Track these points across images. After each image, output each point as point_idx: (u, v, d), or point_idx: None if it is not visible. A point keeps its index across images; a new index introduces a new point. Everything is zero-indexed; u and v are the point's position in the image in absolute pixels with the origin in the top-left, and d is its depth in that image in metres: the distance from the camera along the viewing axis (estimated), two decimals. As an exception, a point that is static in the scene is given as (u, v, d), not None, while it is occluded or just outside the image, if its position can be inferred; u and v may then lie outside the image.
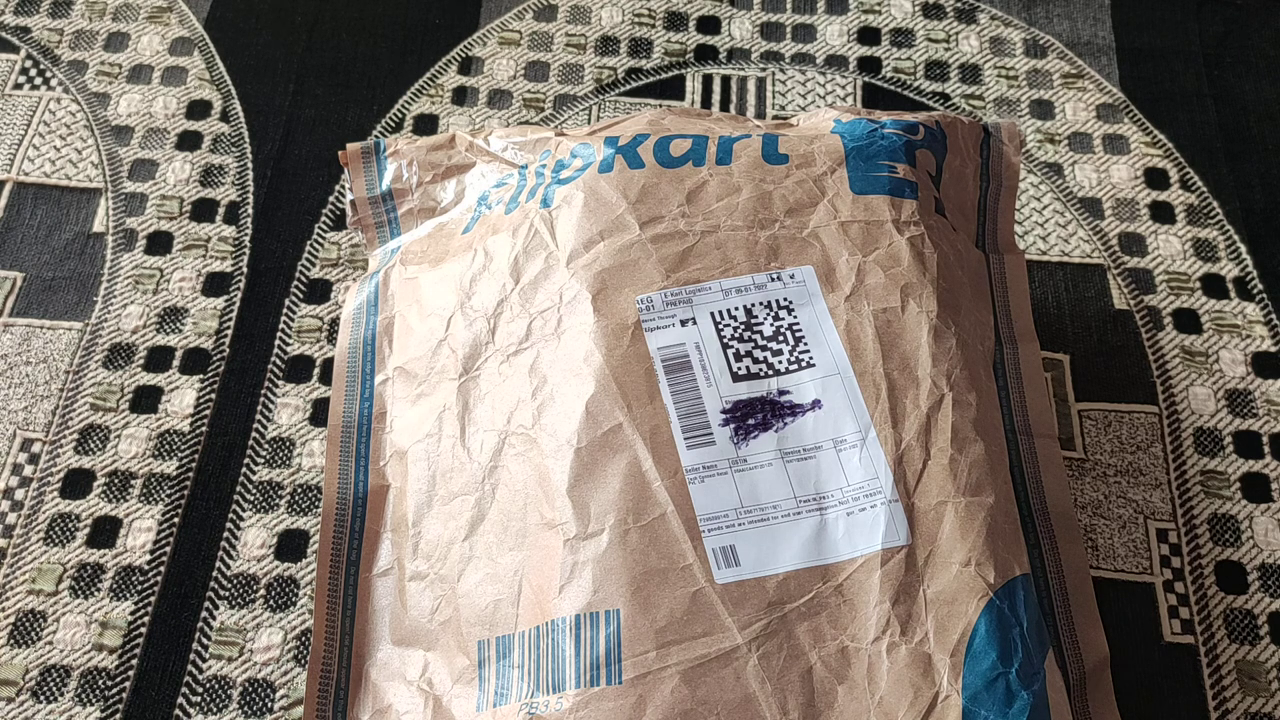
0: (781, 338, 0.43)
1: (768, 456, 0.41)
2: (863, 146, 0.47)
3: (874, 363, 0.42)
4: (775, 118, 0.64)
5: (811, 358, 0.42)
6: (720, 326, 0.43)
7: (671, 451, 0.40)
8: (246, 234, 0.60)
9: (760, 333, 0.43)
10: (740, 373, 0.42)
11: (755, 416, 0.41)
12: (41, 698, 0.48)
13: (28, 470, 0.53)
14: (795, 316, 0.43)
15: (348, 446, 0.47)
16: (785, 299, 0.44)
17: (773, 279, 0.44)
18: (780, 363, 0.42)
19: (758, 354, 0.43)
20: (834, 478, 0.40)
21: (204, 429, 0.54)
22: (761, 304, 0.43)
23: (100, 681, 0.48)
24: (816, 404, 0.42)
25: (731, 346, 0.43)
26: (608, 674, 0.37)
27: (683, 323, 0.43)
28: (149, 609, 0.50)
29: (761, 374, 0.42)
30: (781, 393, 0.42)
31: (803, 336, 0.43)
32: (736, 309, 0.43)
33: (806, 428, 0.41)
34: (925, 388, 0.42)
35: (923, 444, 0.41)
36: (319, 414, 0.55)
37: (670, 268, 0.44)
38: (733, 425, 0.41)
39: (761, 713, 0.37)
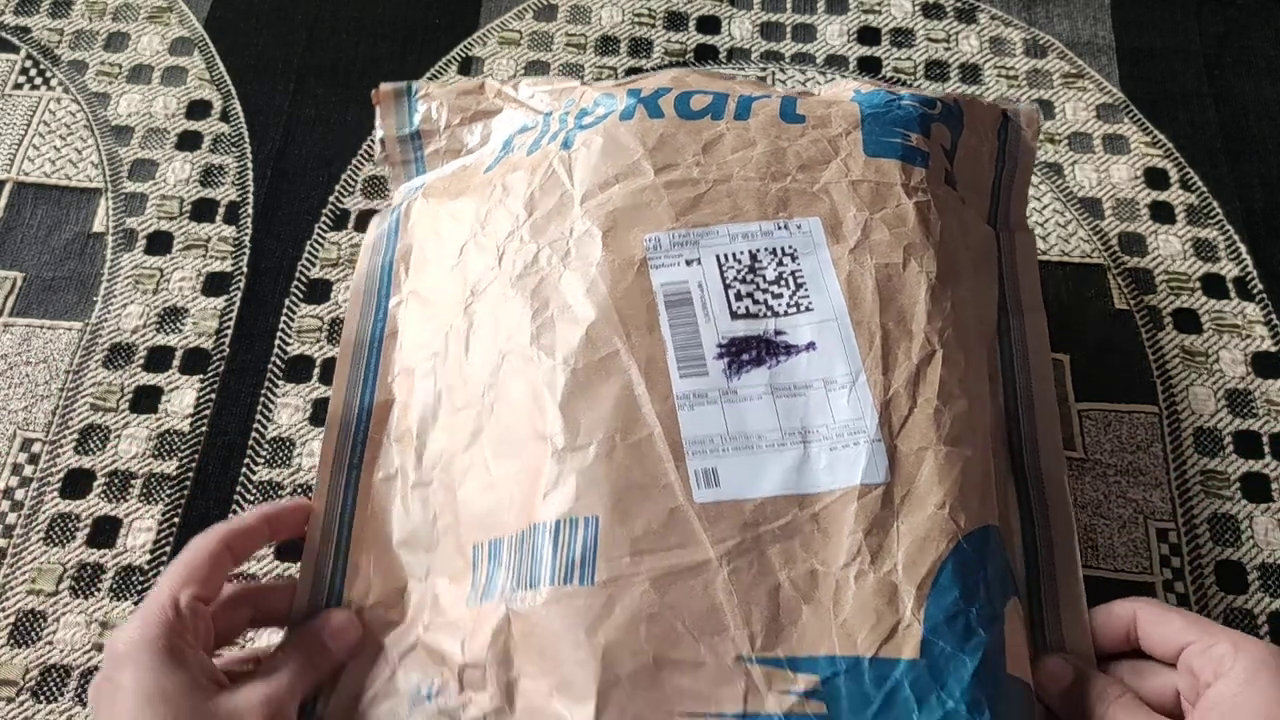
0: (783, 282, 0.44)
1: (758, 390, 0.42)
2: (879, 113, 0.48)
3: (871, 313, 0.43)
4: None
5: (811, 303, 0.44)
6: (724, 268, 0.44)
7: (665, 379, 0.42)
8: (246, 234, 0.60)
9: (763, 276, 0.44)
10: (739, 312, 0.43)
11: (750, 353, 0.43)
12: (41, 698, 0.48)
13: (28, 470, 0.53)
14: (799, 264, 0.44)
15: (358, 361, 0.49)
16: (790, 247, 0.45)
17: (780, 227, 0.45)
18: (780, 305, 0.44)
19: (758, 295, 0.44)
20: (821, 415, 0.41)
21: (204, 429, 0.54)
22: (767, 250, 0.45)
23: (100, 681, 0.48)
24: (811, 345, 0.43)
25: (733, 287, 0.44)
26: (581, 574, 0.39)
27: (688, 262, 0.44)
28: (149, 609, 0.50)
29: (760, 314, 0.43)
30: (778, 333, 0.43)
31: (804, 283, 0.44)
32: (742, 253, 0.45)
33: (799, 367, 0.42)
34: (918, 341, 0.43)
35: (910, 393, 0.42)
36: (319, 414, 0.55)
37: (681, 211, 0.45)
38: (727, 359, 0.42)
39: (725, 622, 0.38)
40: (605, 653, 0.37)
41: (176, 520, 0.52)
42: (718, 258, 0.44)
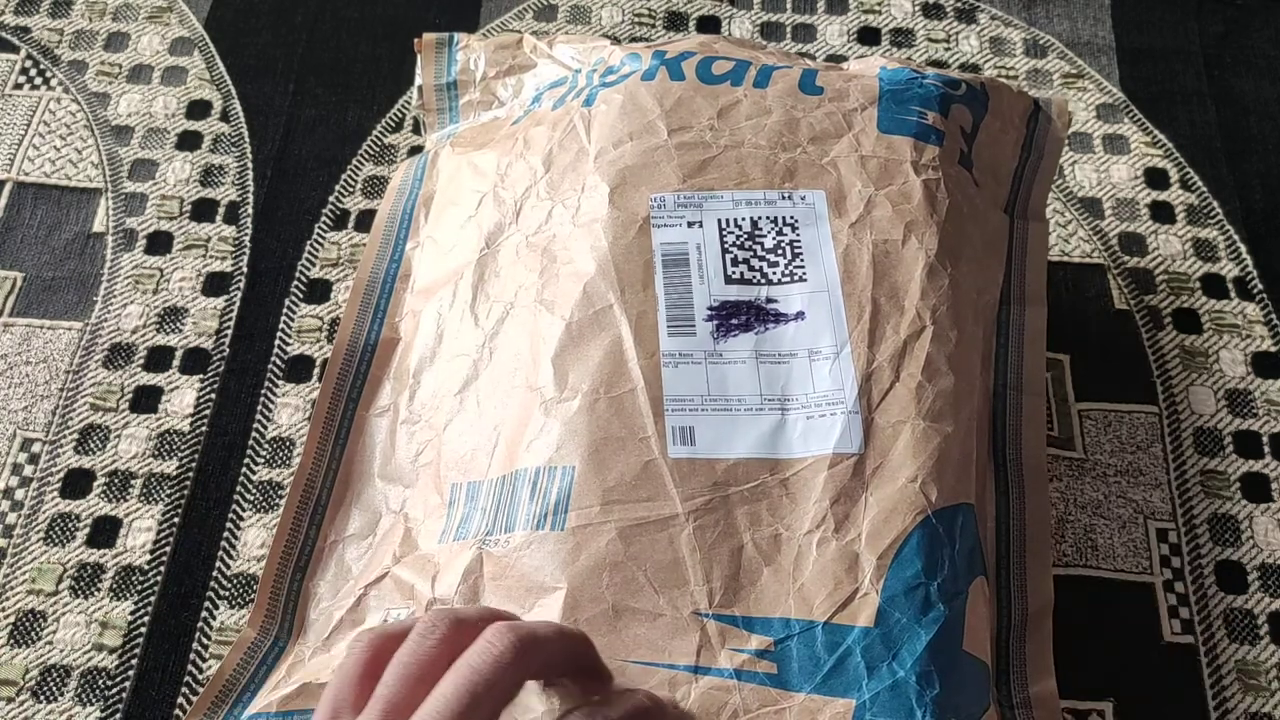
0: (780, 251, 0.45)
1: (743, 355, 0.43)
2: (898, 91, 0.49)
3: (864, 286, 0.44)
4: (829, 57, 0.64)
5: (805, 273, 0.44)
6: (724, 233, 0.45)
7: (653, 336, 0.43)
8: (246, 234, 0.60)
9: (761, 244, 0.45)
10: (734, 276, 0.44)
11: (739, 318, 0.43)
12: (41, 698, 0.48)
13: (28, 470, 0.53)
14: (798, 234, 0.45)
15: (369, 299, 0.50)
16: (792, 217, 0.45)
17: (784, 197, 0.46)
18: (774, 274, 0.44)
19: (754, 262, 0.45)
20: (802, 383, 0.42)
21: (204, 429, 0.54)
22: (768, 219, 0.45)
23: (100, 681, 0.48)
24: (800, 315, 0.43)
25: (731, 252, 0.45)
26: (553, 521, 0.40)
27: (689, 224, 0.45)
28: (149, 609, 0.50)
29: (754, 281, 0.44)
30: (769, 300, 0.44)
31: (801, 253, 0.45)
32: (743, 219, 0.45)
33: (786, 335, 0.43)
34: (909, 317, 0.43)
35: (894, 367, 0.42)
36: (319, 414, 0.55)
37: (688, 174, 0.46)
38: (716, 321, 0.43)
39: (686, 577, 0.39)
40: (567, 597, 0.39)
41: (176, 520, 0.52)
42: (719, 222, 0.45)
